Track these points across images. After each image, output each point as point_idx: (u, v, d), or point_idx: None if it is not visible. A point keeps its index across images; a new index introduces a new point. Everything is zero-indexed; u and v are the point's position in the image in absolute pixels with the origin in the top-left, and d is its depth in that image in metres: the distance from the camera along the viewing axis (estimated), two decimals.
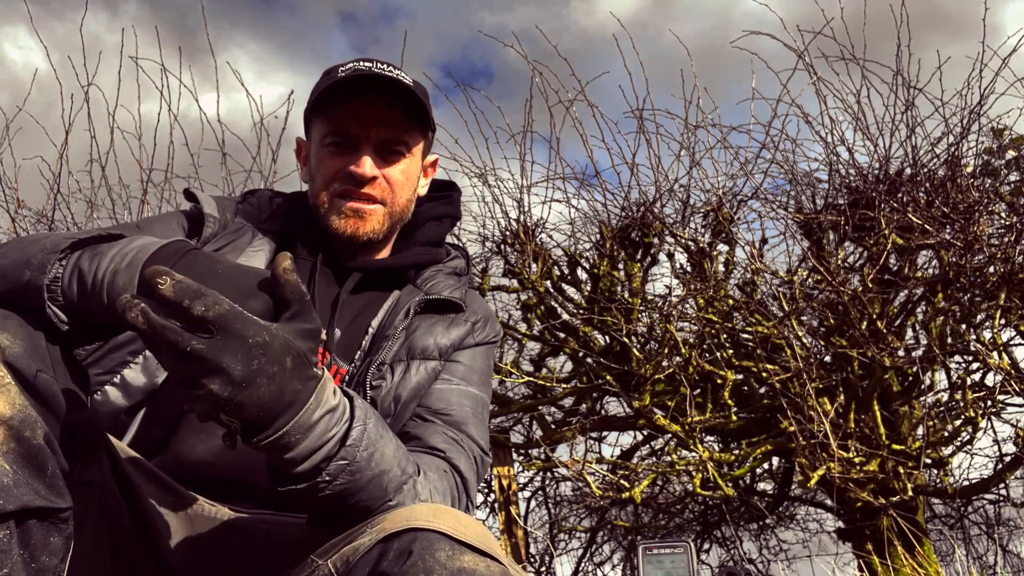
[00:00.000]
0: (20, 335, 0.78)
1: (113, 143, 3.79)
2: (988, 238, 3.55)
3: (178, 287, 0.71)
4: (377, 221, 1.22)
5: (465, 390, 1.18)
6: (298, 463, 0.79)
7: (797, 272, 3.93)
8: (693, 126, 3.93)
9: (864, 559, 3.63)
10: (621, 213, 4.03)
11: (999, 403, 3.67)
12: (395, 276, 1.27)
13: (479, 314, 1.27)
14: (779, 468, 4.62)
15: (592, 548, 5.02)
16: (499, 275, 4.20)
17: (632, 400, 3.72)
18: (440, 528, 0.77)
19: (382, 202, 1.22)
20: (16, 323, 0.79)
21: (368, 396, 1.10)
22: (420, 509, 0.81)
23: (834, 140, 3.94)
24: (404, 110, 1.20)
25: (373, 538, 0.78)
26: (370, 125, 1.19)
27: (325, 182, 1.21)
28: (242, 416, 0.73)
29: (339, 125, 1.20)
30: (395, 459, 0.89)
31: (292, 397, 0.75)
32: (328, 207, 1.21)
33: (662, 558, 2.14)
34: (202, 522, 0.99)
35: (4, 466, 0.71)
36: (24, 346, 0.77)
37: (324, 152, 1.21)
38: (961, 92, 3.71)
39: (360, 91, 1.17)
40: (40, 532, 0.74)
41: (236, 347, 0.71)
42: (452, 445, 1.09)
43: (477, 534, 0.79)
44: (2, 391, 0.74)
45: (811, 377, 3.46)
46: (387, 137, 1.21)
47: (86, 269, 0.83)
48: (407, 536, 0.77)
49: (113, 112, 3.77)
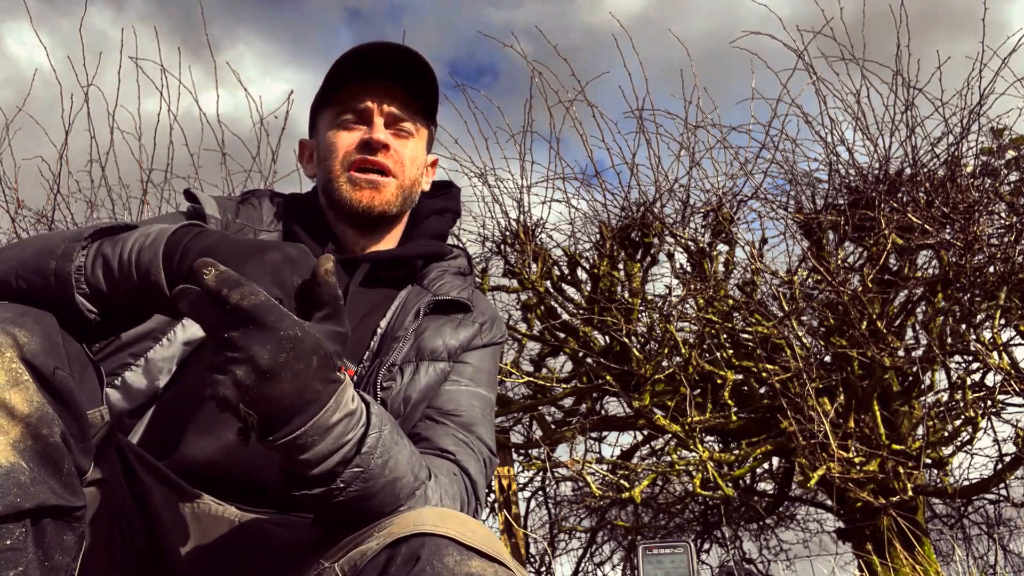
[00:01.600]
0: (38, 332, 0.78)
1: (113, 143, 3.79)
2: (988, 238, 3.55)
3: (220, 277, 0.73)
4: (391, 193, 1.23)
5: (475, 391, 1.18)
6: (313, 465, 0.79)
7: (797, 272, 3.93)
8: (693, 126, 3.93)
9: (864, 559, 3.63)
10: (621, 213, 4.03)
11: (999, 403, 3.67)
12: (402, 268, 1.27)
13: (486, 315, 1.27)
14: (779, 468, 4.62)
15: (592, 548, 5.02)
16: (499, 275, 4.20)
17: (632, 400, 3.72)
18: (448, 533, 0.77)
19: (395, 175, 1.24)
20: (33, 320, 0.79)
21: (378, 397, 1.10)
22: (428, 514, 0.81)
23: (834, 140, 3.95)
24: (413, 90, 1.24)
25: (381, 542, 0.78)
26: (382, 100, 1.23)
27: (341, 157, 1.23)
28: (261, 409, 0.73)
29: (352, 102, 1.23)
30: (408, 465, 0.90)
31: (313, 396, 0.76)
32: (343, 182, 1.22)
33: (662, 558, 2.15)
34: (209, 521, 0.99)
35: (21, 464, 0.71)
36: (42, 343, 0.77)
37: (336, 131, 1.24)
38: (961, 92, 3.72)
39: (374, 67, 1.21)
40: (54, 530, 0.74)
41: (267, 338, 0.72)
42: (462, 447, 1.10)
43: (484, 539, 0.79)
44: (20, 388, 0.74)
45: (811, 377, 3.46)
46: (398, 112, 1.24)
47: (110, 254, 0.85)
48: (415, 541, 0.76)
49: (113, 112, 3.77)
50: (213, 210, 1.21)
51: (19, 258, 0.87)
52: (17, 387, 0.74)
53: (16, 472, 0.71)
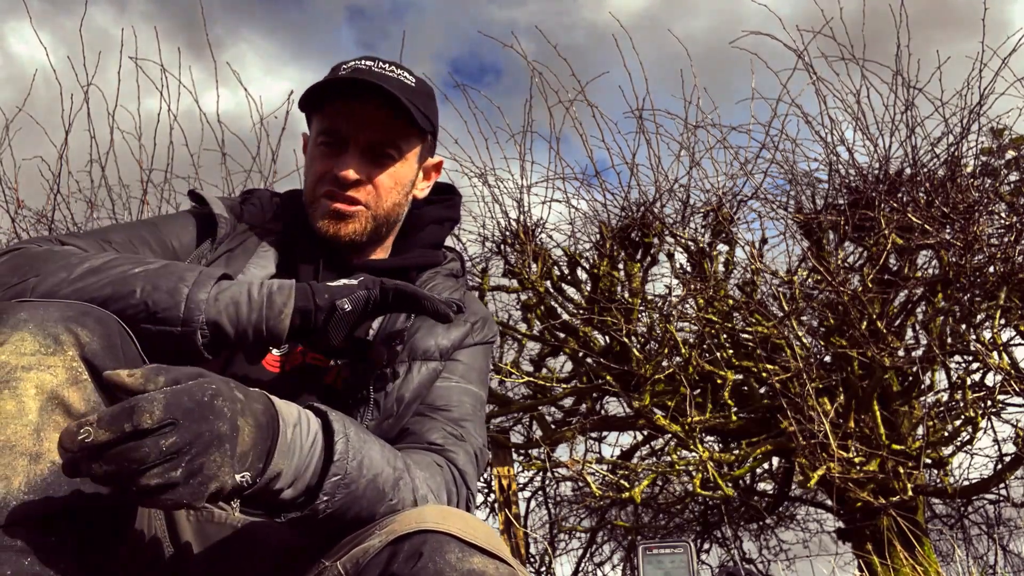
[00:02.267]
0: (99, 332, 0.80)
1: (113, 143, 3.79)
2: (988, 238, 3.55)
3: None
4: (359, 223, 1.21)
5: (465, 387, 1.19)
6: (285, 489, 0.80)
7: (797, 272, 3.94)
8: (693, 126, 3.93)
9: (864, 559, 3.63)
10: (621, 213, 4.03)
11: (999, 403, 3.67)
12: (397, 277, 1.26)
13: (478, 315, 1.27)
14: (779, 468, 4.62)
15: (592, 548, 5.02)
16: (499, 275, 4.20)
17: (632, 400, 3.72)
18: (450, 530, 0.78)
19: (365, 205, 1.20)
20: (95, 320, 0.81)
21: (372, 399, 1.11)
22: (429, 511, 0.82)
23: (834, 140, 3.95)
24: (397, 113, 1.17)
25: (383, 540, 0.79)
26: (360, 126, 1.18)
27: (313, 182, 1.22)
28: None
29: (331, 123, 1.19)
30: (383, 459, 0.90)
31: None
32: (315, 207, 1.22)
33: (662, 558, 2.15)
34: (212, 527, 1.01)
35: None
36: (102, 343, 0.80)
37: (316, 151, 1.22)
38: (961, 92, 3.72)
39: (352, 90, 1.16)
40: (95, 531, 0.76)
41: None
42: (450, 439, 1.11)
43: (486, 535, 0.80)
44: (79, 386, 0.76)
45: (811, 377, 3.46)
46: (377, 139, 1.19)
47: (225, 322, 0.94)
48: (417, 538, 0.77)
49: (113, 112, 3.77)
50: (222, 211, 1.22)
51: (145, 271, 0.93)
52: (76, 385, 0.76)
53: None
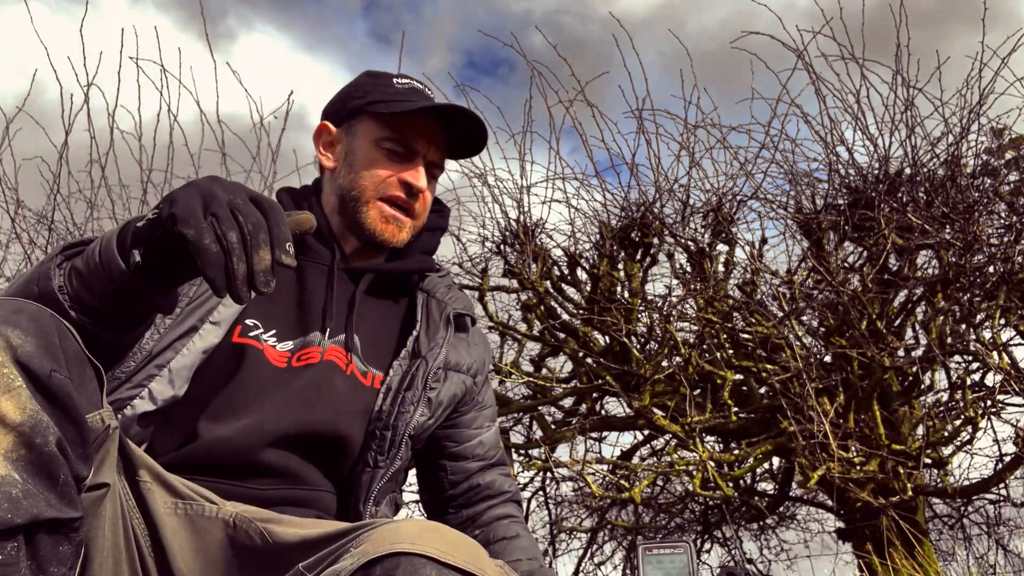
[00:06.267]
0: (33, 331, 0.75)
1: (113, 143, 3.79)
2: (988, 238, 3.55)
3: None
4: (407, 232, 1.30)
5: (497, 429, 1.41)
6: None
7: (797, 272, 3.93)
8: (693, 126, 3.93)
9: (864, 559, 3.63)
10: (621, 213, 4.03)
11: (999, 403, 3.67)
12: (400, 280, 1.33)
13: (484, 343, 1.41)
14: (779, 468, 4.61)
15: (592, 548, 5.02)
16: (499, 275, 4.20)
17: (632, 400, 3.71)
18: (425, 551, 0.75)
19: (416, 216, 1.30)
20: (28, 318, 0.76)
21: (426, 397, 1.22)
22: (405, 528, 0.79)
23: (834, 140, 3.94)
24: (459, 145, 1.32)
25: (355, 562, 0.76)
26: (431, 146, 1.29)
27: (377, 183, 1.26)
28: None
29: (406, 137, 1.27)
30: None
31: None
32: (372, 208, 1.26)
33: (662, 558, 2.14)
34: (202, 522, 1.00)
35: (14, 476, 0.69)
36: (37, 344, 0.74)
37: (379, 154, 1.27)
38: (961, 92, 3.72)
39: (440, 114, 1.27)
40: (49, 543, 0.72)
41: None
42: (507, 480, 1.37)
43: (467, 554, 0.78)
44: (12, 395, 0.71)
45: (811, 377, 3.46)
46: (437, 160, 1.31)
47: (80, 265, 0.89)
48: (389, 562, 0.74)
49: (113, 112, 3.77)
50: None
51: (8, 293, 0.90)
52: (9, 394, 0.71)
53: (7, 485, 0.69)
